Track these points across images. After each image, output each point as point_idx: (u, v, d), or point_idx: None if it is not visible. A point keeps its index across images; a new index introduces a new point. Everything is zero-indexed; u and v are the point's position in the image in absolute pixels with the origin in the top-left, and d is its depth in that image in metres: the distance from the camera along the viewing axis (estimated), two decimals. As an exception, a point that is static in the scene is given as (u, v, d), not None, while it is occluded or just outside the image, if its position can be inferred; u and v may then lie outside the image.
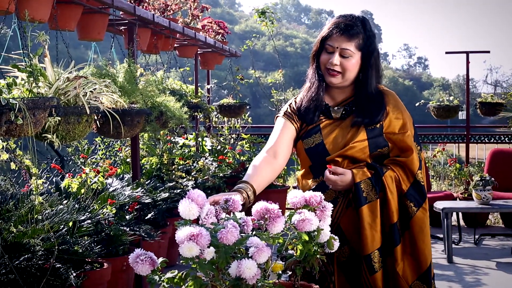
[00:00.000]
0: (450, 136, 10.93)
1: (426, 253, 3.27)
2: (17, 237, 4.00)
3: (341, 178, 3.17)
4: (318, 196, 2.56)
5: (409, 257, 3.25)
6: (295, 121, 3.38)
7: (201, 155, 8.61)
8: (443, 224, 7.43)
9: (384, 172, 3.24)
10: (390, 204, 3.21)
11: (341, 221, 3.25)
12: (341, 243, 3.18)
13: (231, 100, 9.52)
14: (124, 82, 5.08)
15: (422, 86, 73.20)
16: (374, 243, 3.16)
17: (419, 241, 3.26)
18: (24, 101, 3.29)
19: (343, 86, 3.35)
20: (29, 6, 4.14)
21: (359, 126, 3.28)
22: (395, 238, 3.20)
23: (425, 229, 3.28)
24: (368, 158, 3.28)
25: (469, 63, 10.21)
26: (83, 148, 6.84)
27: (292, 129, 3.38)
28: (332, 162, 3.26)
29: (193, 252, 2.18)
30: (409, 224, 3.25)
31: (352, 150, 3.25)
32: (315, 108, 3.35)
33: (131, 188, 5.57)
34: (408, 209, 3.26)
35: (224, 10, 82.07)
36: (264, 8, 9.77)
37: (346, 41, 3.24)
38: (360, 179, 3.19)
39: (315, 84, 3.36)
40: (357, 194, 3.18)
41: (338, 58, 3.25)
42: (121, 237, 5.33)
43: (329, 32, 3.27)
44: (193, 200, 2.32)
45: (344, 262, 3.24)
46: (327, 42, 3.27)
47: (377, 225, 3.18)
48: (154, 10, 6.64)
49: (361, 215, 3.16)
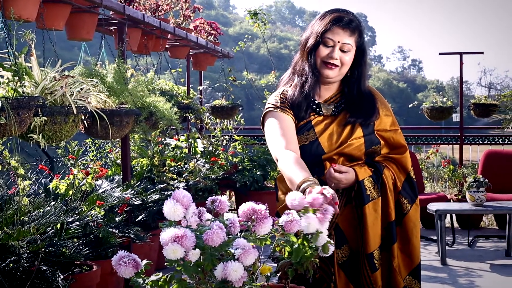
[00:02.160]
0: (444, 137, 10.90)
1: (418, 249, 3.29)
2: (2, 239, 3.94)
3: (345, 176, 3.13)
4: (321, 198, 2.49)
5: (402, 253, 3.26)
6: (292, 114, 3.29)
7: (193, 156, 8.55)
8: (436, 226, 7.39)
9: (382, 169, 3.23)
10: (389, 202, 3.21)
11: (340, 220, 3.21)
12: (340, 242, 3.18)
13: (224, 102, 9.47)
14: (113, 82, 5.02)
15: (416, 89, 73.31)
16: (376, 241, 3.16)
17: (413, 237, 3.27)
18: (8, 101, 3.23)
19: (333, 82, 3.31)
20: (16, 4, 4.08)
21: (354, 124, 3.25)
22: (393, 236, 3.20)
23: (417, 225, 3.30)
24: (363, 156, 3.26)
25: (463, 64, 10.19)
26: (73, 149, 6.77)
27: (293, 122, 3.28)
28: (328, 160, 3.22)
29: (177, 254, 2.13)
30: (403, 220, 3.25)
31: (349, 147, 3.22)
32: (307, 105, 3.29)
33: (120, 190, 5.51)
34: (402, 206, 3.26)
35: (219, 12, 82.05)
36: (256, 10, 9.74)
37: (348, 36, 3.21)
38: (363, 176, 3.17)
39: (310, 79, 3.26)
40: (361, 192, 3.15)
41: (339, 52, 3.21)
42: (110, 239, 5.27)
43: (329, 25, 3.20)
44: (178, 201, 2.27)
45: (345, 262, 3.21)
46: (326, 36, 3.20)
47: (378, 223, 3.17)
48: (145, 10, 6.58)
49: (364, 213, 3.13)
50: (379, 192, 3.19)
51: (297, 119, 3.29)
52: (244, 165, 9.24)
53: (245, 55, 10.26)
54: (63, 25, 4.89)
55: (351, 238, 3.21)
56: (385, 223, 3.20)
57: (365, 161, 3.25)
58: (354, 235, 3.19)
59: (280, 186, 3.37)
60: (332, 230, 3.15)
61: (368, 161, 3.26)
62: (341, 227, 3.20)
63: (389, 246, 3.19)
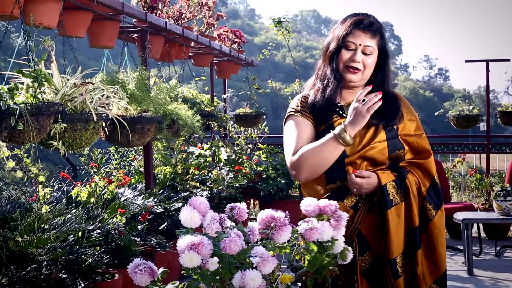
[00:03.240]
0: (471, 146, 10.78)
1: (444, 256, 3.23)
2: (23, 246, 3.91)
3: (367, 181, 3.09)
4: (333, 204, 2.46)
5: (426, 261, 3.20)
6: (311, 119, 3.26)
7: (216, 165, 8.52)
8: (463, 235, 7.28)
9: (406, 174, 3.17)
10: (413, 207, 3.16)
11: (362, 226, 3.16)
12: (363, 249, 3.14)
13: (248, 110, 9.45)
14: (135, 89, 5.00)
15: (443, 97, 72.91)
16: (399, 247, 3.10)
17: (438, 244, 3.21)
18: (28, 107, 3.21)
19: (357, 86, 3.27)
20: (37, 11, 4.09)
21: (378, 126, 3.21)
22: (416, 242, 3.14)
23: (443, 232, 3.24)
24: (387, 160, 3.21)
25: (489, 72, 10.08)
26: (96, 157, 6.76)
27: (312, 127, 3.26)
28: (351, 164, 3.18)
29: (194, 262, 2.09)
30: (428, 226, 3.20)
31: (372, 150, 3.18)
32: (328, 108, 3.24)
33: (143, 198, 5.48)
34: (427, 212, 3.21)
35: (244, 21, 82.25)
36: (280, 18, 9.74)
37: (370, 38, 3.19)
38: (386, 181, 3.12)
39: (332, 83, 3.23)
40: (383, 197, 3.10)
41: (361, 55, 3.18)
42: (132, 247, 5.24)
43: (350, 29, 3.19)
44: (195, 208, 2.23)
45: (367, 269, 3.16)
46: (348, 39, 3.19)
47: (401, 228, 3.12)
48: (168, 18, 6.57)
49: (387, 218, 3.08)
50: (402, 197, 3.14)
51: (318, 122, 3.25)
52: (268, 174, 9.19)
53: (271, 64, 10.29)
54: (84, 32, 4.87)
55: (373, 245, 3.16)
56: (408, 229, 3.15)
57: (391, 165, 3.21)
58: (377, 242, 3.15)
59: (304, 192, 3.32)
60: (354, 236, 3.11)
61: (392, 165, 3.21)
62: (363, 233, 3.16)
63: (413, 252, 3.14)
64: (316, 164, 3.11)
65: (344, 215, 2.46)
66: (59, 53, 4.17)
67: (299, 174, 3.15)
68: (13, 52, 4.20)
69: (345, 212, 2.94)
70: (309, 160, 3.10)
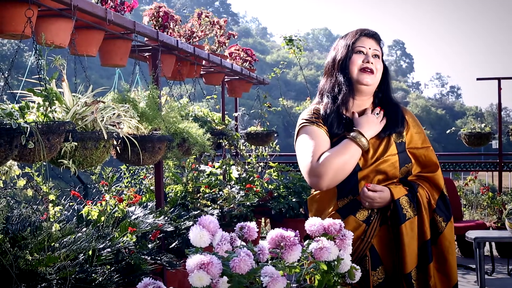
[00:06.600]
0: (483, 164, 10.75)
1: (455, 268, 3.24)
2: (33, 265, 3.91)
3: (380, 195, 3.10)
4: (337, 223, 2.45)
5: (438, 273, 3.21)
6: (325, 129, 3.24)
7: (227, 183, 8.51)
8: (475, 254, 7.22)
9: (417, 188, 3.19)
10: (425, 221, 3.17)
11: (375, 241, 3.17)
12: (376, 264, 3.14)
13: (259, 128, 9.44)
14: (146, 108, 5.00)
15: (455, 115, 72.84)
16: (413, 261, 3.11)
17: (449, 255, 3.22)
18: (38, 126, 3.22)
19: (368, 93, 3.29)
20: (48, 30, 4.12)
21: (389, 139, 3.22)
22: (428, 255, 3.15)
23: (453, 243, 3.25)
24: (397, 174, 3.22)
25: (501, 89, 10.06)
26: (107, 175, 6.76)
27: (327, 136, 3.24)
28: (364, 178, 3.18)
29: (203, 281, 2.08)
30: (438, 239, 3.21)
31: (385, 164, 3.19)
32: (339, 120, 3.24)
33: (153, 216, 5.47)
34: (437, 224, 3.22)
35: (256, 40, 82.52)
36: (292, 36, 9.77)
37: (376, 44, 3.27)
38: (399, 195, 3.13)
39: (344, 89, 3.23)
40: (397, 212, 3.11)
41: (372, 57, 3.24)
42: (142, 266, 5.22)
43: (358, 35, 3.26)
44: (204, 227, 2.22)
45: (380, 284, 3.15)
46: (357, 45, 3.24)
47: (415, 242, 3.13)
48: (180, 37, 6.59)
49: (401, 233, 3.09)
50: (415, 210, 3.15)
51: (331, 134, 3.24)
52: (279, 192, 9.17)
53: (282, 83, 10.31)
54: (96, 51, 4.89)
55: (385, 260, 3.16)
56: (420, 242, 3.16)
57: (402, 179, 3.23)
58: (389, 256, 3.15)
59: (312, 208, 3.31)
60: (367, 250, 3.11)
61: (403, 179, 3.23)
62: (376, 248, 3.16)
63: (425, 265, 3.14)
64: (340, 168, 3.08)
65: (349, 233, 2.45)
66: (71, 72, 4.19)
67: (322, 180, 3.09)
68: (25, 70, 4.22)
69: (358, 225, 2.96)
70: (333, 165, 3.07)
